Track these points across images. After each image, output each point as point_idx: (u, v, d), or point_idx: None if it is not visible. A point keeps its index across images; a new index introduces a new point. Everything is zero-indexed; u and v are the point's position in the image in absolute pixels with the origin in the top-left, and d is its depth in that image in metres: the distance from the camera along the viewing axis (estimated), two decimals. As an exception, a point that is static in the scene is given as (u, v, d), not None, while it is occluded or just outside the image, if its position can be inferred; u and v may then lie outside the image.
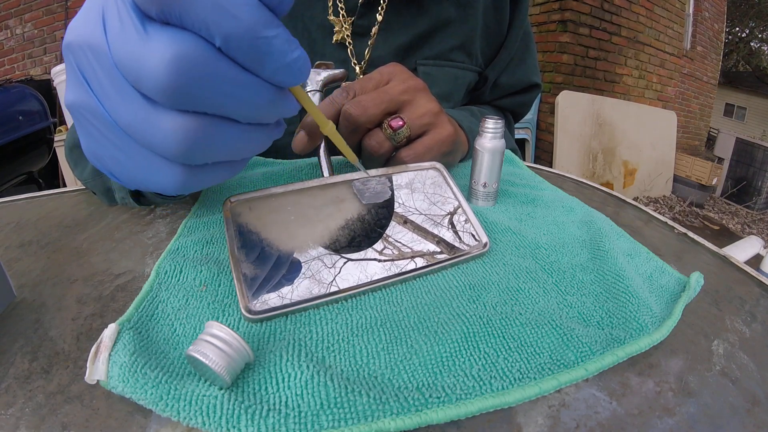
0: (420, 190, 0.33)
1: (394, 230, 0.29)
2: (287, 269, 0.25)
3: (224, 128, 0.19)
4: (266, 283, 0.24)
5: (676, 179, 3.76)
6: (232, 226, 0.26)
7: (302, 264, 0.26)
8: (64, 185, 2.33)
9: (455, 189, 0.33)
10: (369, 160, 0.35)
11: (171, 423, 0.17)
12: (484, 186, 0.36)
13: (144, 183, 0.21)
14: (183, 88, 0.17)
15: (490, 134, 0.35)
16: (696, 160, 3.82)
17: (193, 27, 0.17)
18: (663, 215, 0.77)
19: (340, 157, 0.46)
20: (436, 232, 0.30)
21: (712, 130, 5.33)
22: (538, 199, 0.39)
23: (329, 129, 0.27)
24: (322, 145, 0.34)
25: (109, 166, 0.22)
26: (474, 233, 0.31)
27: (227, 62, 0.17)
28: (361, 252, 0.27)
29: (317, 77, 0.37)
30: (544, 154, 3.04)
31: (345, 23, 0.48)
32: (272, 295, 0.24)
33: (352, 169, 0.41)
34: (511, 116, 0.66)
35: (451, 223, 0.31)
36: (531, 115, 2.89)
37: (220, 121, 0.19)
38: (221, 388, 0.18)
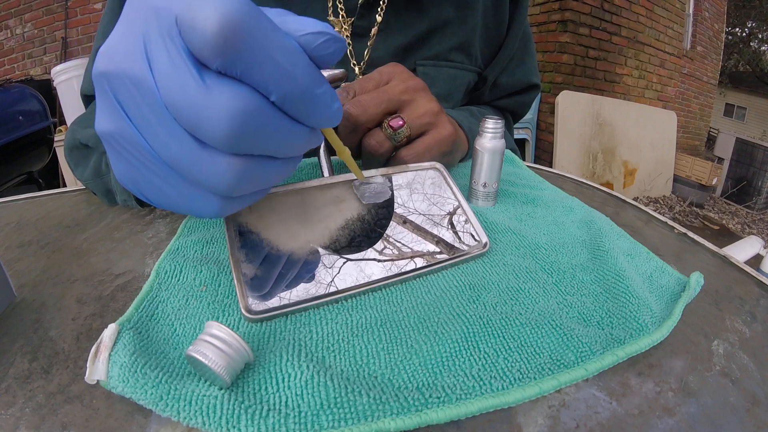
0: (420, 190, 0.33)
1: (394, 230, 0.29)
2: (287, 269, 0.25)
3: (266, 165, 0.20)
4: (266, 283, 0.24)
5: (676, 179, 3.76)
6: (232, 226, 0.26)
7: (302, 264, 0.26)
8: (64, 185, 2.33)
9: (455, 189, 0.33)
10: (369, 159, 0.35)
11: (171, 423, 0.17)
12: (484, 186, 0.36)
13: (181, 209, 0.22)
14: (242, 138, 0.18)
15: (490, 134, 0.35)
16: (696, 160, 3.82)
17: (253, 83, 0.18)
18: (663, 215, 0.77)
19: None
20: (436, 232, 0.30)
21: (712, 130, 5.33)
22: (538, 199, 0.39)
23: (345, 155, 0.28)
24: (322, 145, 0.34)
25: (145, 192, 0.22)
26: (474, 233, 0.31)
27: (279, 113, 0.19)
28: (361, 252, 0.27)
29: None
30: (544, 154, 3.04)
31: (344, 24, 0.48)
32: (272, 295, 0.24)
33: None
34: (510, 116, 0.66)
35: (451, 223, 0.31)
36: (531, 115, 2.89)
37: (263, 159, 0.20)
38: (221, 388, 0.18)
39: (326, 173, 0.32)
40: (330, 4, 0.47)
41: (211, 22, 0.16)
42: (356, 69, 0.49)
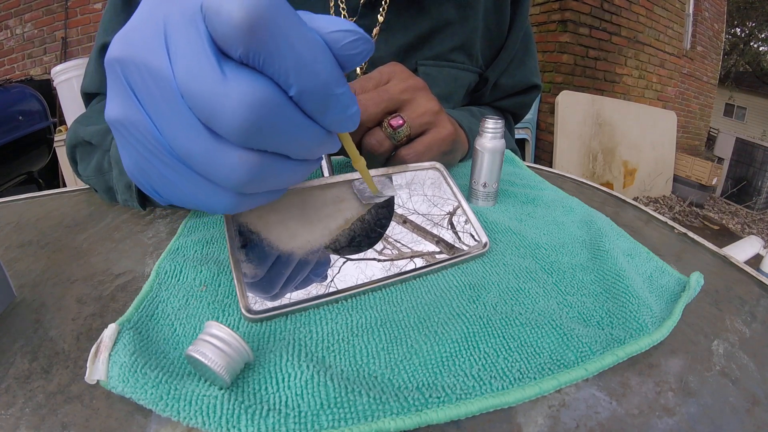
0: (420, 190, 0.33)
1: (394, 230, 0.29)
2: (287, 269, 0.25)
3: (280, 164, 0.20)
4: (266, 283, 0.24)
5: (676, 179, 3.76)
6: (232, 226, 0.26)
7: (302, 264, 0.26)
8: (64, 185, 2.33)
9: (455, 189, 0.33)
10: (369, 159, 0.35)
11: (171, 423, 0.17)
12: (484, 186, 0.36)
13: (192, 204, 0.22)
14: (257, 131, 0.18)
15: (490, 134, 0.35)
16: (696, 160, 3.82)
17: (273, 75, 0.17)
18: (663, 215, 0.77)
19: (340, 157, 0.46)
20: (436, 232, 0.30)
21: (712, 130, 5.33)
22: (538, 199, 0.39)
23: (360, 165, 0.28)
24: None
25: (155, 184, 0.22)
26: (474, 233, 0.31)
27: (296, 109, 0.19)
28: (361, 252, 0.27)
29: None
30: (544, 154, 3.04)
31: (345, 23, 0.48)
32: (272, 295, 0.24)
33: (352, 169, 0.41)
34: (511, 117, 0.66)
35: (451, 223, 0.31)
36: (531, 115, 2.89)
37: (277, 157, 0.20)
38: (221, 388, 0.18)
39: (326, 173, 0.32)
40: (332, 4, 0.47)
41: (238, 9, 0.16)
42: (357, 69, 0.49)
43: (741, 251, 1.03)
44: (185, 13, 0.17)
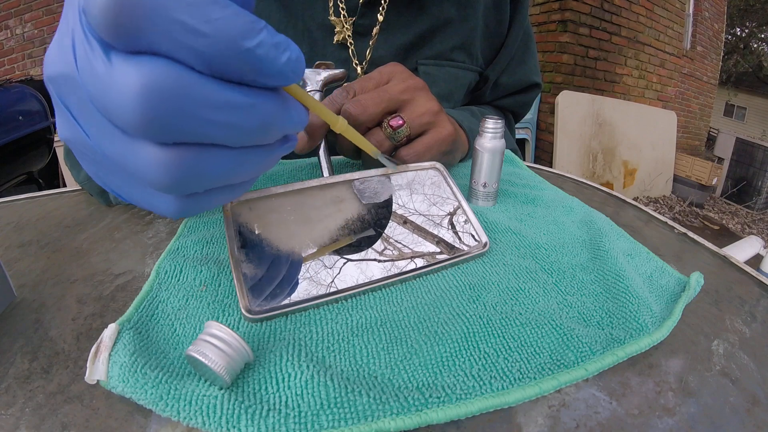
0: (420, 190, 0.33)
1: (394, 230, 0.29)
2: (287, 269, 0.25)
3: (215, 156, 0.17)
4: (266, 283, 0.24)
5: (676, 179, 3.76)
6: (232, 226, 0.26)
7: (302, 264, 0.26)
8: (64, 185, 2.33)
9: (455, 189, 0.33)
10: (369, 159, 0.35)
11: (171, 423, 0.17)
12: (484, 186, 0.36)
13: (146, 207, 0.20)
14: (157, 121, 0.15)
15: (490, 134, 0.35)
16: (696, 160, 3.82)
17: (168, 53, 0.15)
18: (663, 215, 0.77)
19: (340, 157, 0.46)
20: (436, 232, 0.30)
21: (712, 130, 5.33)
22: (538, 199, 0.39)
23: (341, 125, 0.25)
24: (323, 145, 0.34)
25: (115, 191, 0.21)
26: (474, 233, 0.31)
27: (209, 85, 0.16)
28: (361, 252, 0.27)
29: (317, 77, 0.37)
30: (544, 154, 3.04)
31: (346, 23, 0.48)
32: (272, 295, 0.24)
33: (352, 169, 0.41)
34: (511, 116, 0.66)
35: (451, 223, 0.31)
36: (531, 115, 2.89)
37: (208, 149, 0.17)
38: (221, 388, 0.18)
39: (326, 173, 0.32)
40: (331, 4, 0.47)
41: (98, 1, 0.14)
42: (358, 69, 0.49)
43: (741, 251, 1.03)
44: (76, 16, 0.16)
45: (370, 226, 0.29)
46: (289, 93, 0.20)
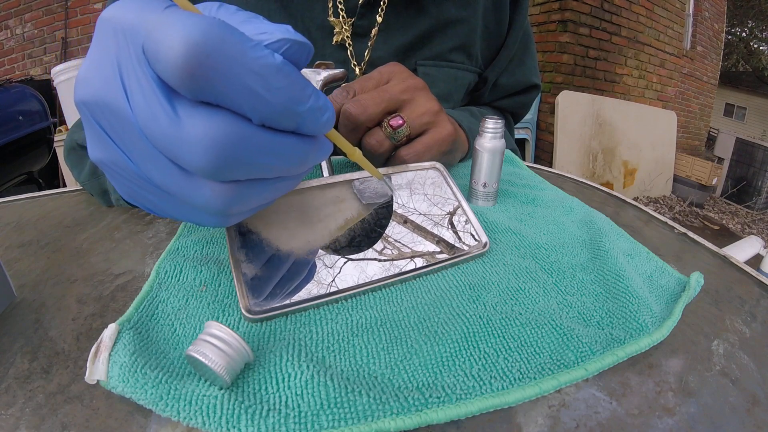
0: (420, 190, 0.33)
1: (394, 230, 0.29)
2: (287, 269, 0.25)
3: (259, 185, 0.20)
4: (266, 283, 0.24)
5: (676, 179, 3.76)
6: (232, 226, 0.26)
7: (302, 264, 0.26)
8: (64, 185, 2.33)
9: (455, 189, 0.33)
10: (369, 159, 0.35)
11: (171, 423, 0.17)
12: (484, 186, 0.36)
13: (185, 221, 0.22)
14: (223, 168, 0.17)
15: (490, 134, 0.35)
16: (696, 160, 3.82)
17: (230, 107, 0.17)
18: (663, 215, 0.77)
19: (340, 157, 0.46)
20: (436, 232, 0.30)
21: (712, 130, 5.33)
22: (538, 199, 0.39)
23: (357, 156, 0.27)
24: (322, 145, 0.34)
25: (148, 208, 0.22)
26: (474, 233, 0.31)
27: (264, 136, 0.18)
28: (361, 252, 0.27)
29: (317, 77, 0.37)
30: (544, 154, 3.04)
31: (345, 24, 0.48)
32: (272, 295, 0.24)
33: (352, 169, 0.41)
34: (510, 117, 0.66)
35: (451, 223, 0.31)
36: (531, 115, 2.89)
37: (257, 181, 0.19)
38: (221, 388, 0.18)
39: (326, 173, 0.32)
40: (330, 5, 0.47)
41: (174, 53, 0.15)
42: (357, 69, 0.49)
43: (741, 251, 1.03)
44: (131, 53, 0.17)
45: (370, 226, 0.29)
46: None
